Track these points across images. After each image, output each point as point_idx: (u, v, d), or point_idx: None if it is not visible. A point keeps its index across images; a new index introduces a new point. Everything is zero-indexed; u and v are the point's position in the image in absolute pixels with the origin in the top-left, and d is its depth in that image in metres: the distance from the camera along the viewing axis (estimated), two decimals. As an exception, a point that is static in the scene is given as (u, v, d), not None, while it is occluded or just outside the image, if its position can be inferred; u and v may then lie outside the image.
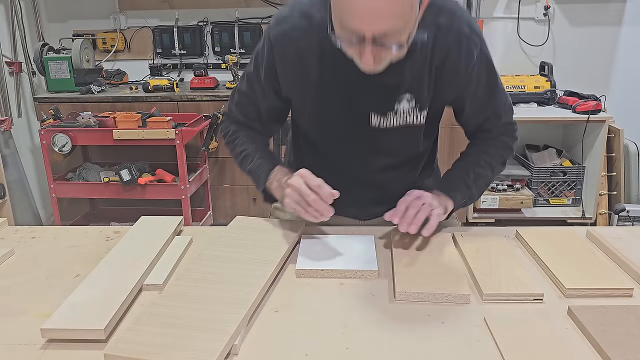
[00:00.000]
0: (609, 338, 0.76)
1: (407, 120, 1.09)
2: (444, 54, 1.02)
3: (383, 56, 0.90)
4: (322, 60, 1.04)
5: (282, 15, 1.08)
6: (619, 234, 1.13)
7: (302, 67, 1.06)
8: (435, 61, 1.03)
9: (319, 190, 0.99)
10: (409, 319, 0.86)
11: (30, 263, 1.08)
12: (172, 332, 0.77)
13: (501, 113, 1.19)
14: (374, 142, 1.12)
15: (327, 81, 1.06)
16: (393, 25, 0.85)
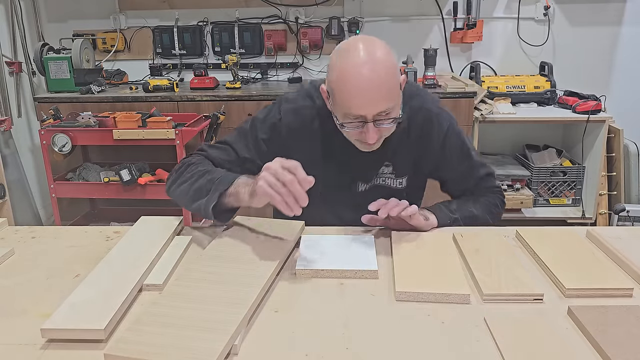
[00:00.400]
0: (609, 338, 0.76)
1: (387, 183, 1.29)
2: (418, 130, 1.23)
3: (382, 133, 1.10)
4: (320, 136, 1.23)
5: (292, 97, 1.27)
6: (619, 234, 1.13)
7: (303, 139, 1.23)
8: (411, 137, 1.23)
9: (295, 172, 0.94)
10: (409, 319, 0.86)
11: (30, 263, 1.08)
12: (172, 332, 0.77)
13: (482, 178, 1.32)
14: (360, 205, 1.17)
15: (324, 153, 1.24)
16: (388, 105, 1.05)
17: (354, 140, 1.14)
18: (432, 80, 2.79)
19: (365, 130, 1.07)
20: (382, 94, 1.04)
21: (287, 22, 3.20)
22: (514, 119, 2.79)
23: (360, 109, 1.04)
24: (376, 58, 1.03)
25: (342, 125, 1.09)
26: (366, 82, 1.02)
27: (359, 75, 1.02)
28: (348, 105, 1.05)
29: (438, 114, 1.25)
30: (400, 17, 3.17)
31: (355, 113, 1.05)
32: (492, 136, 3.19)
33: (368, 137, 1.07)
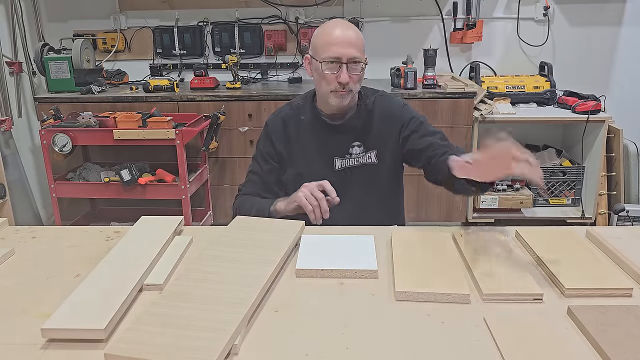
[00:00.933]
0: (608, 338, 0.77)
1: (360, 161, 1.48)
2: (380, 110, 1.49)
3: (353, 80, 1.37)
4: (298, 127, 1.50)
5: (278, 109, 1.57)
6: (618, 234, 1.14)
7: (285, 132, 1.50)
8: (375, 116, 1.48)
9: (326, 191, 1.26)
10: (409, 319, 0.86)
11: (30, 263, 1.08)
12: (172, 332, 0.77)
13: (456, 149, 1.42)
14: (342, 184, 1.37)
15: (303, 139, 1.49)
16: (358, 54, 1.36)
17: (330, 93, 1.39)
18: (432, 80, 2.79)
19: (339, 72, 1.35)
20: (353, 43, 1.36)
21: (287, 23, 3.20)
22: (514, 119, 2.79)
23: (338, 50, 1.35)
24: (348, 23, 1.41)
25: (322, 69, 1.37)
26: (342, 33, 1.37)
27: (337, 28, 1.37)
28: (327, 48, 1.36)
29: (395, 98, 1.55)
30: (400, 17, 3.18)
31: (334, 54, 1.35)
32: (492, 136, 3.19)
33: (342, 76, 1.35)
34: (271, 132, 1.51)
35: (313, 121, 1.49)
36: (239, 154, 2.86)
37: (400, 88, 2.80)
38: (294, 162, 1.50)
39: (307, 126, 1.50)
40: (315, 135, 1.49)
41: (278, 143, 1.50)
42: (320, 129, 1.48)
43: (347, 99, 1.40)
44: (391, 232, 1.16)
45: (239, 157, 2.87)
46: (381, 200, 1.50)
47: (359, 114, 1.48)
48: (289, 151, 1.50)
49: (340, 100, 1.40)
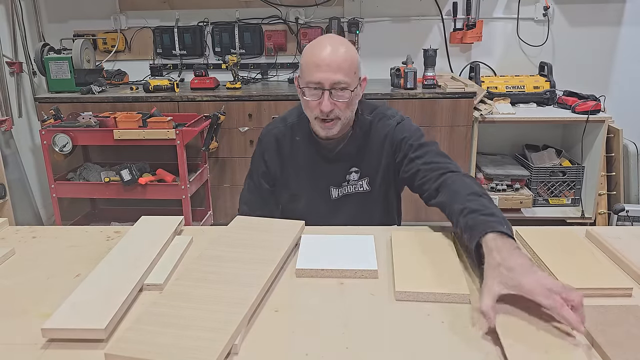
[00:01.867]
0: (608, 338, 0.77)
1: (356, 189, 1.41)
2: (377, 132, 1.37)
3: (337, 107, 1.25)
4: (292, 149, 1.42)
5: (271, 123, 1.49)
6: (618, 234, 1.14)
7: (278, 152, 1.43)
8: (371, 139, 1.38)
9: None
10: (409, 319, 0.86)
11: (30, 263, 1.09)
12: (173, 332, 0.77)
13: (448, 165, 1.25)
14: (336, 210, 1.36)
15: (297, 165, 1.42)
16: (343, 79, 1.22)
17: (315, 120, 1.30)
18: (432, 80, 2.79)
19: (321, 99, 1.24)
20: (339, 67, 1.22)
21: (287, 23, 3.20)
22: (514, 119, 2.80)
23: (320, 75, 1.22)
24: (339, 41, 1.27)
25: (303, 94, 1.27)
26: (328, 54, 1.23)
27: (323, 48, 1.24)
28: (310, 72, 1.24)
29: (391, 115, 1.40)
30: (400, 17, 3.18)
31: (315, 79, 1.23)
32: (491, 136, 3.19)
33: (323, 104, 1.24)
34: (264, 151, 1.45)
35: (308, 146, 1.40)
36: (239, 154, 2.86)
37: (400, 88, 2.80)
38: (288, 184, 1.45)
39: (302, 150, 1.41)
40: (311, 163, 1.41)
41: (271, 162, 1.44)
42: (315, 157, 1.40)
43: (335, 129, 1.29)
44: (391, 232, 1.16)
45: (239, 157, 2.87)
46: (372, 221, 1.39)
47: (354, 138, 1.38)
48: (282, 171, 1.45)
49: (326, 131, 1.29)
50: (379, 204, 1.44)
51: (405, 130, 1.36)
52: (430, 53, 2.81)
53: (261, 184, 1.47)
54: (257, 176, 1.47)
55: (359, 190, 1.41)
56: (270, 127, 1.47)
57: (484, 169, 2.94)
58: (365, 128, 1.38)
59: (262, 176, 1.46)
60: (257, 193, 1.49)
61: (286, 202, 1.49)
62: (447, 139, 2.77)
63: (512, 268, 0.83)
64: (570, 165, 2.97)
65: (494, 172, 2.90)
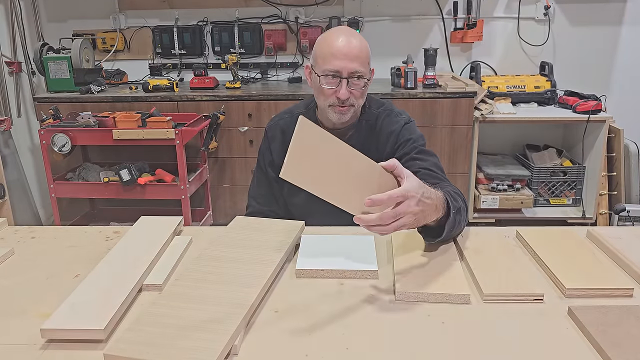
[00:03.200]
0: (609, 338, 0.76)
1: None
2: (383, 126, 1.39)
3: (353, 95, 1.28)
4: None
5: (275, 116, 1.51)
6: (619, 234, 1.13)
7: (284, 143, 1.42)
8: (376, 132, 1.39)
9: None
10: (409, 319, 0.86)
11: (30, 263, 1.08)
12: (172, 332, 0.77)
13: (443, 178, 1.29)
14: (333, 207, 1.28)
15: None
16: (360, 68, 1.26)
17: (329, 107, 1.31)
18: (432, 80, 2.79)
19: (339, 87, 1.27)
20: (356, 56, 1.26)
21: (287, 22, 3.20)
22: (514, 118, 2.79)
23: (338, 63, 1.25)
24: (353, 32, 1.30)
25: (320, 82, 1.28)
26: (345, 44, 1.26)
27: (340, 38, 1.27)
28: (327, 61, 1.26)
29: (399, 113, 1.43)
30: (400, 17, 3.17)
31: (334, 68, 1.25)
32: (492, 136, 3.19)
33: (341, 92, 1.26)
34: (270, 142, 1.47)
35: None
36: (239, 154, 2.86)
37: (400, 88, 2.80)
38: None
39: None
40: None
41: (276, 154, 1.45)
42: None
43: (348, 115, 1.32)
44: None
45: (239, 157, 2.86)
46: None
47: (359, 130, 1.40)
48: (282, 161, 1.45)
49: (340, 116, 1.32)
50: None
51: (412, 132, 1.39)
52: (431, 52, 2.81)
53: (268, 174, 1.47)
54: (264, 166, 1.47)
55: None
56: (277, 118, 1.49)
57: (485, 168, 2.94)
58: (371, 122, 1.40)
59: (269, 165, 1.46)
60: (265, 186, 1.48)
61: (287, 196, 1.48)
62: (447, 138, 2.76)
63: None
64: (571, 165, 2.97)
65: (494, 172, 2.89)
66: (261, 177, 1.50)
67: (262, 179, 1.49)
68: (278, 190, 1.49)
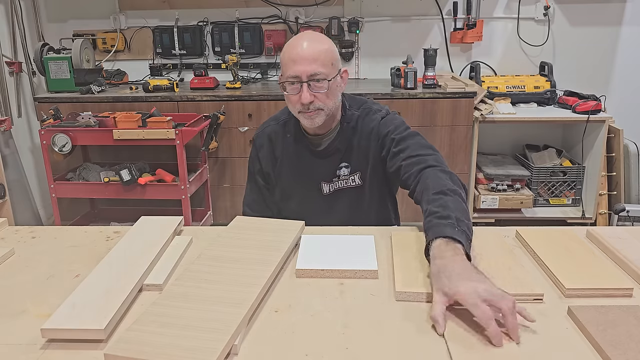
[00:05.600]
0: (609, 338, 0.76)
1: (348, 184, 1.42)
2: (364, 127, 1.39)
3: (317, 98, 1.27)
4: (284, 146, 1.44)
5: (263, 123, 1.52)
6: (619, 234, 1.13)
7: (271, 150, 1.45)
8: (358, 133, 1.39)
9: None
10: (409, 319, 0.86)
11: (30, 263, 1.08)
12: (172, 332, 0.77)
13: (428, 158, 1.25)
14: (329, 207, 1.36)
15: (289, 161, 1.44)
16: (319, 70, 1.25)
17: (299, 114, 1.32)
18: (432, 80, 2.79)
19: (301, 92, 1.27)
20: (314, 59, 1.25)
21: (287, 22, 3.20)
22: (514, 119, 2.79)
23: (296, 68, 1.25)
24: (314, 36, 1.30)
25: (284, 89, 1.30)
26: (303, 48, 1.26)
27: (298, 43, 1.27)
28: (288, 67, 1.27)
29: (377, 110, 1.42)
30: (400, 17, 3.18)
31: (293, 73, 1.26)
32: (492, 136, 3.19)
33: (302, 96, 1.26)
34: (258, 150, 1.48)
35: (298, 143, 1.42)
36: (239, 154, 2.86)
37: (400, 88, 2.80)
38: (282, 183, 1.47)
39: (293, 146, 1.43)
40: (301, 159, 1.43)
41: (265, 162, 1.47)
42: (305, 152, 1.42)
43: (319, 119, 1.31)
44: (391, 232, 1.16)
45: (239, 157, 2.87)
46: (368, 218, 1.42)
47: (342, 134, 1.39)
48: (275, 171, 1.47)
49: (310, 121, 1.31)
50: (373, 199, 1.44)
51: (389, 124, 1.37)
52: (431, 53, 2.81)
53: (258, 182, 1.50)
54: (254, 174, 1.50)
55: (351, 184, 1.42)
56: (264, 125, 1.50)
57: (485, 169, 2.94)
58: (352, 123, 1.40)
59: (258, 173, 1.49)
60: (257, 192, 1.52)
61: (279, 201, 1.50)
62: (447, 138, 2.77)
63: (450, 275, 0.85)
64: (570, 165, 2.97)
65: (494, 172, 2.90)
66: (253, 185, 1.52)
67: (254, 186, 1.52)
68: (269, 197, 1.51)
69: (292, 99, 1.29)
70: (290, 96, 1.30)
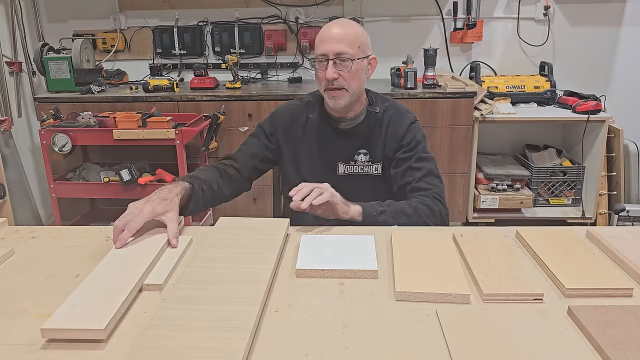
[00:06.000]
0: (608, 338, 0.76)
1: (365, 170, 1.47)
2: (389, 122, 1.46)
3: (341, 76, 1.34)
4: (306, 125, 1.50)
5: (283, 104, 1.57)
6: (618, 234, 1.13)
7: (291, 130, 1.50)
8: (383, 127, 1.46)
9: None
10: (409, 319, 0.86)
11: (30, 263, 1.08)
12: (188, 335, 0.77)
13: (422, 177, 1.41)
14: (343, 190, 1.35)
15: (308, 139, 1.49)
16: (346, 49, 1.33)
17: (325, 93, 1.39)
18: (432, 80, 2.79)
19: (326, 68, 1.34)
20: (341, 38, 1.33)
21: (287, 22, 3.20)
22: (514, 119, 2.80)
23: (324, 46, 1.34)
24: (344, 21, 1.40)
25: (314, 67, 1.39)
26: (334, 30, 1.35)
27: (330, 25, 1.37)
28: (317, 46, 1.37)
29: (406, 111, 1.50)
30: (400, 17, 3.18)
31: (321, 51, 1.35)
32: (492, 136, 3.19)
33: (327, 72, 1.34)
34: (277, 125, 1.51)
35: (320, 122, 1.48)
36: (239, 154, 2.86)
37: (400, 88, 2.80)
38: (296, 162, 1.50)
39: (314, 126, 1.49)
40: (321, 136, 1.48)
41: (282, 137, 1.50)
42: (326, 130, 1.48)
43: (342, 100, 1.37)
44: (391, 232, 1.16)
45: (239, 157, 2.86)
46: None
47: (367, 121, 1.46)
48: (291, 151, 1.50)
49: (334, 100, 1.38)
50: (391, 189, 1.48)
51: (415, 133, 1.45)
52: (431, 53, 2.81)
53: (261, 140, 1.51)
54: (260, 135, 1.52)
55: (372, 172, 1.47)
56: (289, 104, 1.56)
57: (485, 168, 2.94)
58: (378, 115, 1.46)
59: (270, 135, 1.51)
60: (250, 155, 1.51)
61: (293, 177, 1.50)
62: (447, 138, 2.77)
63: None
64: (570, 165, 2.97)
65: (494, 172, 2.90)
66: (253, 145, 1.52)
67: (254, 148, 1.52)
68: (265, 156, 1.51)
69: (320, 75, 1.37)
70: (318, 73, 1.38)
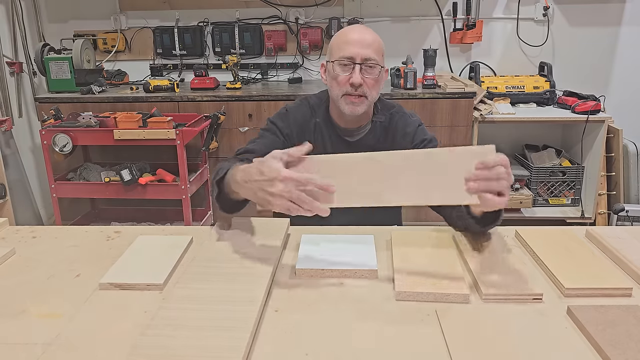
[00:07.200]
0: (608, 338, 0.77)
1: None
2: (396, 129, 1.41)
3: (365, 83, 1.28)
4: (314, 131, 1.43)
5: (291, 104, 1.49)
6: (618, 234, 1.14)
7: (304, 135, 1.41)
8: (390, 134, 1.41)
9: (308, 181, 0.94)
10: (409, 319, 0.86)
11: (30, 263, 1.09)
12: (189, 334, 0.78)
13: None
14: None
15: (318, 146, 1.39)
16: (374, 55, 1.27)
17: (341, 98, 1.30)
18: (432, 80, 2.79)
19: (352, 73, 1.27)
20: (370, 44, 1.28)
21: (287, 23, 3.20)
22: (514, 119, 2.80)
23: (352, 49, 1.27)
24: (370, 29, 1.34)
25: (334, 70, 1.30)
26: (359, 33, 1.30)
27: (354, 29, 1.32)
28: (341, 49, 1.28)
29: (412, 115, 1.46)
30: (400, 17, 3.18)
31: (347, 54, 1.27)
32: (491, 136, 3.19)
33: (354, 77, 1.27)
34: (292, 126, 1.41)
35: (326, 130, 1.42)
36: (239, 154, 2.86)
37: (400, 88, 2.81)
38: None
39: (321, 133, 1.42)
40: (335, 146, 1.41)
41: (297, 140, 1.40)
42: (333, 140, 1.41)
43: (361, 107, 1.30)
44: (391, 232, 1.16)
45: (239, 157, 2.86)
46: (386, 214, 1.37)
47: (374, 130, 1.41)
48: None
49: (352, 107, 1.30)
50: None
51: (426, 134, 1.42)
52: (430, 53, 2.81)
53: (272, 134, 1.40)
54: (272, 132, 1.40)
55: None
56: (298, 104, 1.46)
57: (484, 169, 2.93)
58: (385, 122, 1.42)
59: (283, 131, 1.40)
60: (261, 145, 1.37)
61: None
62: (447, 139, 2.77)
63: None
64: (570, 165, 2.97)
65: (494, 172, 2.89)
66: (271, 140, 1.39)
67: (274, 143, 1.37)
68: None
69: (342, 79, 1.28)
70: (338, 76, 1.29)
